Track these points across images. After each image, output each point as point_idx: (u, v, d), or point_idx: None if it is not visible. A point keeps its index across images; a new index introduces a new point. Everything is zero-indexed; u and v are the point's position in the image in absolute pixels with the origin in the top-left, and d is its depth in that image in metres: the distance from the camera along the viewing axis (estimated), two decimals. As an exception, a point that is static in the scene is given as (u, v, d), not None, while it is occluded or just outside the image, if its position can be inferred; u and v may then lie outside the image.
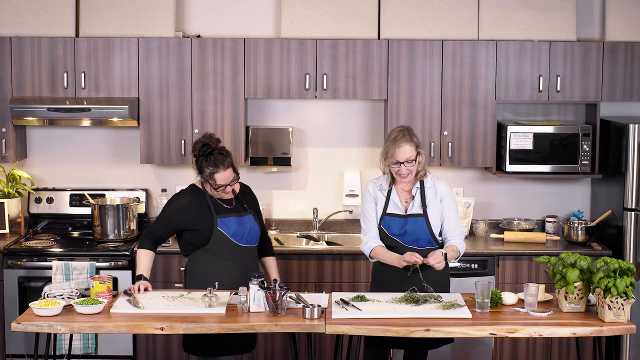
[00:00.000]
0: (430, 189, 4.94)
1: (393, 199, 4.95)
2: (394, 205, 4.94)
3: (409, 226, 4.91)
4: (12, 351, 5.99)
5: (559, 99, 6.15)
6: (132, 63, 6.09)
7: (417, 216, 4.91)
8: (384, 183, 4.98)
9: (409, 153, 4.82)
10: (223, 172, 4.81)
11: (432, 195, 4.93)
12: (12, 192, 6.30)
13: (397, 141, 4.82)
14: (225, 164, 4.82)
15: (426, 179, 4.96)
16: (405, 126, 4.95)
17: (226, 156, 4.84)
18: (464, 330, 4.40)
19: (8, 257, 5.94)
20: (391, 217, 4.93)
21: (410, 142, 4.83)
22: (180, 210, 4.91)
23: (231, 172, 4.85)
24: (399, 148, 4.81)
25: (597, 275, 4.47)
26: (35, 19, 6.08)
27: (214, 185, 4.82)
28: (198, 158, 4.85)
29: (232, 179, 4.85)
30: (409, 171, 4.85)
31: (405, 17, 6.12)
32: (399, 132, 4.87)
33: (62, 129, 6.47)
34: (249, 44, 6.09)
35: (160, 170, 6.50)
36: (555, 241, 6.24)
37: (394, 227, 4.93)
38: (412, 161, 4.83)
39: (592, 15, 6.39)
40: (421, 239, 4.91)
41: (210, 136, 4.89)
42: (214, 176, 4.81)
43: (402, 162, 4.81)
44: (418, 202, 4.93)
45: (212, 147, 4.83)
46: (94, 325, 4.44)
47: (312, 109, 6.49)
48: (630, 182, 5.92)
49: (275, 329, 4.46)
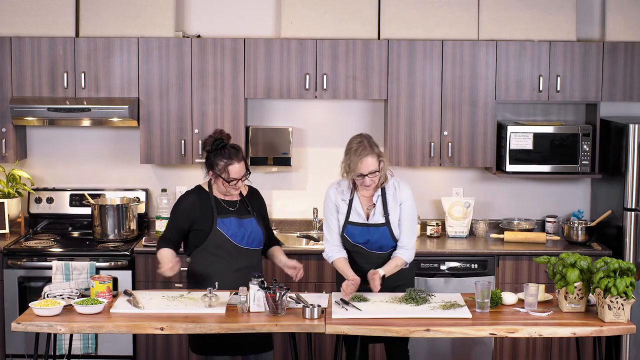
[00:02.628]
0: (391, 196, 4.91)
1: (355, 206, 4.92)
2: (356, 214, 4.92)
3: (372, 235, 4.90)
4: (12, 351, 5.99)
5: (559, 99, 6.15)
6: (132, 63, 6.09)
7: (380, 225, 4.90)
8: (345, 189, 4.95)
9: (372, 165, 4.77)
10: (237, 165, 4.81)
11: (393, 203, 4.91)
12: (12, 192, 6.30)
13: (359, 154, 4.76)
14: (239, 157, 4.83)
15: (387, 185, 4.92)
16: (364, 135, 4.89)
17: (239, 150, 4.87)
18: (464, 330, 4.40)
19: (8, 257, 5.94)
20: (354, 226, 4.92)
21: (372, 153, 4.77)
22: (185, 210, 4.90)
23: (244, 167, 4.85)
24: (361, 162, 4.75)
25: (597, 275, 4.47)
26: (35, 19, 6.08)
27: (227, 178, 4.80)
28: (211, 152, 4.84)
29: (244, 175, 4.85)
30: (373, 181, 4.82)
31: (405, 17, 6.12)
32: (359, 145, 4.80)
33: (62, 129, 6.47)
34: (249, 44, 6.09)
35: (160, 170, 6.50)
36: (555, 241, 6.24)
37: (357, 236, 4.92)
38: (376, 172, 4.80)
39: (592, 15, 6.39)
40: (384, 245, 4.93)
41: (221, 131, 4.90)
42: (228, 168, 4.79)
43: (365, 174, 4.78)
44: (380, 211, 4.91)
45: (224, 141, 4.85)
46: (94, 325, 4.44)
47: (312, 109, 6.49)
48: (630, 182, 5.92)
49: (275, 329, 4.46)
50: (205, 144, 4.87)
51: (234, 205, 4.93)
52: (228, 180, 4.81)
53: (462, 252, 5.98)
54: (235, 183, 4.83)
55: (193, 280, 4.96)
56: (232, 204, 4.93)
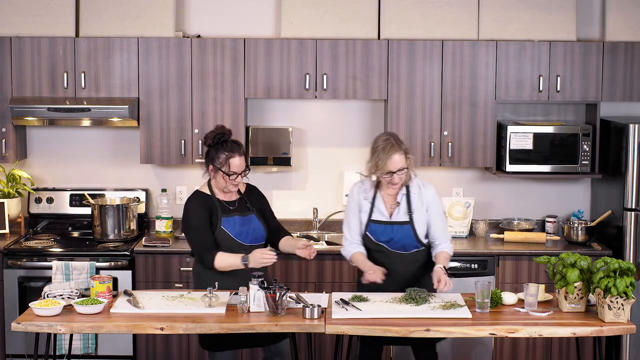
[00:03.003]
0: (415, 195, 4.91)
1: (377, 205, 4.93)
2: (379, 212, 4.92)
3: (395, 233, 4.90)
4: (12, 351, 5.99)
5: (559, 99, 6.15)
6: (132, 63, 6.09)
7: (403, 224, 4.90)
8: (368, 188, 4.95)
9: (400, 163, 4.78)
10: (238, 158, 4.83)
11: (418, 202, 4.91)
12: (12, 192, 6.30)
13: (388, 152, 4.77)
14: (240, 151, 4.86)
15: (412, 184, 4.92)
16: (390, 133, 4.92)
17: (240, 145, 4.89)
18: (464, 330, 4.40)
19: (8, 257, 5.94)
20: (377, 224, 4.92)
21: (400, 150, 4.79)
22: (198, 208, 4.88)
23: (244, 161, 4.87)
24: (390, 159, 4.76)
25: (597, 275, 4.47)
26: (35, 19, 6.08)
27: (227, 171, 4.81)
28: (212, 147, 4.86)
29: (244, 170, 4.86)
30: (401, 179, 4.83)
31: (405, 17, 6.12)
32: (386, 142, 4.81)
33: (62, 129, 6.47)
34: (249, 44, 6.09)
35: (160, 170, 6.50)
36: (555, 241, 6.24)
37: (379, 234, 4.92)
38: (404, 169, 4.81)
39: (592, 15, 6.39)
40: (408, 244, 4.91)
41: (223, 127, 4.92)
42: (229, 161, 4.81)
43: (394, 172, 4.79)
44: (404, 209, 4.91)
45: (226, 136, 4.87)
46: (94, 325, 4.44)
47: (312, 109, 6.49)
48: (630, 182, 5.92)
49: (275, 329, 4.46)
50: (207, 139, 4.89)
51: (233, 204, 4.94)
52: (228, 173, 4.82)
53: (462, 252, 5.98)
54: (235, 178, 4.84)
55: (199, 279, 4.95)
56: (232, 203, 4.94)
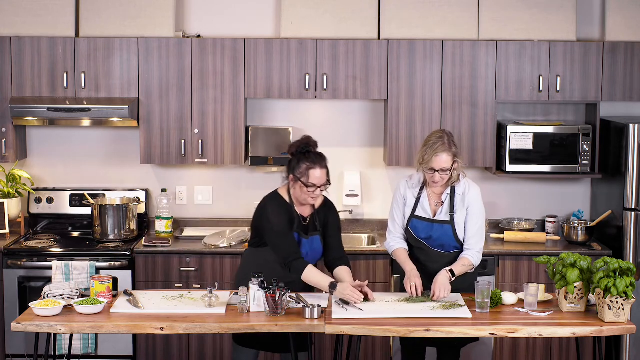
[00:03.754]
0: (459, 196, 4.90)
1: (422, 202, 4.93)
2: (423, 209, 4.93)
3: (435, 231, 4.90)
4: (12, 351, 5.99)
5: (559, 99, 6.15)
6: (132, 63, 6.09)
7: (444, 223, 4.89)
8: (416, 183, 4.96)
9: (445, 163, 4.76)
10: (319, 170, 4.78)
11: (461, 203, 4.90)
12: (12, 192, 6.30)
13: (436, 149, 4.75)
14: (323, 164, 4.82)
15: (458, 185, 4.90)
16: (446, 132, 4.86)
17: (324, 158, 4.85)
18: (464, 330, 4.40)
19: (8, 257, 5.94)
20: (419, 220, 4.93)
21: (449, 151, 4.76)
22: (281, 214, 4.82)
23: (325, 175, 4.81)
24: (436, 156, 4.75)
25: (597, 275, 4.47)
26: (35, 19, 6.08)
27: (306, 182, 4.76)
28: (295, 155, 4.83)
29: (324, 184, 4.81)
30: (443, 180, 4.81)
31: (405, 17, 6.12)
32: (438, 139, 4.79)
33: (62, 129, 6.47)
34: (249, 44, 6.09)
35: (160, 170, 6.50)
36: (555, 241, 6.24)
37: (420, 231, 4.93)
38: (448, 170, 4.79)
39: (592, 15, 6.39)
40: (446, 244, 4.91)
41: (309, 138, 4.89)
42: (309, 172, 4.77)
43: (437, 170, 4.78)
44: (446, 209, 4.90)
45: (311, 147, 4.84)
46: (94, 325, 4.44)
47: (312, 109, 6.49)
48: (630, 182, 5.92)
49: (275, 329, 4.46)
50: (291, 148, 4.87)
51: (305, 220, 4.91)
52: (307, 184, 4.76)
53: (462, 252, 5.98)
54: (314, 190, 4.79)
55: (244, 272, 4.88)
56: (304, 219, 4.91)
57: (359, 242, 6.39)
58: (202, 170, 6.50)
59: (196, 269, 5.96)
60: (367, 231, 6.48)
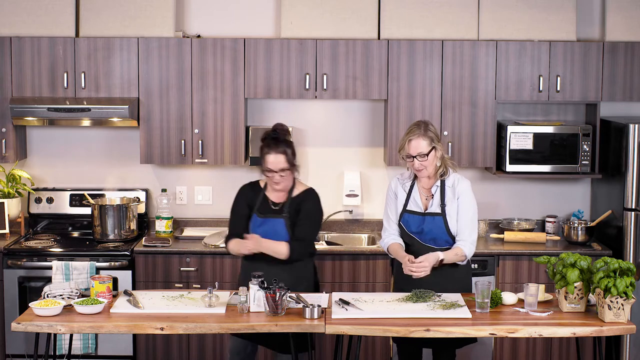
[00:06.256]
0: (449, 188, 4.92)
1: (414, 196, 4.95)
2: (414, 203, 4.95)
3: (427, 225, 4.90)
4: (12, 351, 5.99)
5: (559, 99, 6.15)
6: (132, 63, 6.09)
7: (435, 215, 4.90)
8: (406, 179, 5.00)
9: (420, 148, 4.80)
10: (273, 155, 4.84)
11: (451, 194, 4.91)
12: (12, 192, 6.30)
13: (409, 134, 4.83)
14: (279, 149, 4.85)
15: (448, 178, 4.93)
16: (423, 120, 4.92)
17: (281, 142, 4.87)
18: (464, 330, 4.40)
19: (8, 257, 5.94)
20: (410, 215, 4.94)
21: (423, 136, 4.80)
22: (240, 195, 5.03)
23: (281, 160, 4.85)
24: (409, 142, 4.80)
25: (597, 275, 4.47)
26: (35, 19, 6.08)
27: (263, 167, 4.88)
28: (262, 141, 4.94)
29: (282, 169, 4.85)
30: (423, 166, 4.83)
31: (405, 17, 6.12)
32: (414, 126, 4.87)
33: (62, 129, 6.47)
34: (249, 44, 6.09)
35: (160, 170, 6.50)
36: (555, 241, 6.24)
37: (412, 225, 4.93)
38: (425, 155, 4.81)
39: (592, 15, 6.39)
40: (438, 238, 4.90)
41: (278, 124, 4.97)
42: (265, 157, 4.87)
43: (414, 155, 4.81)
44: (437, 201, 4.91)
45: (277, 133, 4.90)
46: (94, 325, 4.44)
47: (312, 109, 6.49)
48: (630, 182, 5.92)
49: (275, 329, 4.46)
50: (262, 135, 4.96)
51: (277, 205, 4.96)
52: (264, 169, 4.88)
53: (462, 252, 5.97)
54: (272, 176, 4.86)
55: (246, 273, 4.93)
56: (275, 204, 4.97)
57: (359, 242, 6.39)
58: (202, 170, 6.50)
59: (196, 269, 5.97)
60: (367, 231, 6.48)
